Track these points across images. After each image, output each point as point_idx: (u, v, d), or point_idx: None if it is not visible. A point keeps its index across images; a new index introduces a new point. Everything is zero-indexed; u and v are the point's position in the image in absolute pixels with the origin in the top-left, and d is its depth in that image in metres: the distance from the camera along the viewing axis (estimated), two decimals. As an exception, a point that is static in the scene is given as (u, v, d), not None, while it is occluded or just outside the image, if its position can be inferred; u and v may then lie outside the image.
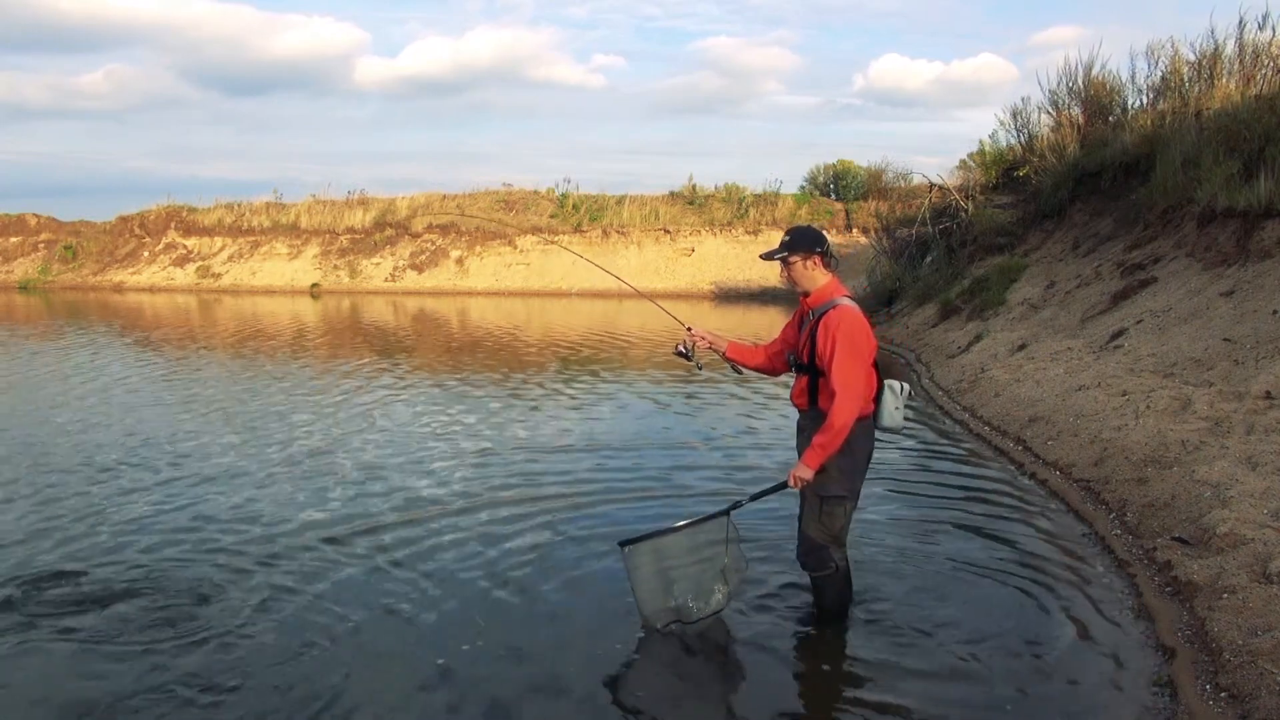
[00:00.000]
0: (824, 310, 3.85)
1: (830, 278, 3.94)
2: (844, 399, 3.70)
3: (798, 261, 3.92)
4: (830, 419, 3.71)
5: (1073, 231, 12.84)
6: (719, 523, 3.98)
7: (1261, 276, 7.71)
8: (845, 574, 4.10)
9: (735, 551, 4.01)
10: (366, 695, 3.52)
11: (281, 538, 5.25)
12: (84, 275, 32.24)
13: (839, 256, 4.27)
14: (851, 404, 3.71)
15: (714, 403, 9.60)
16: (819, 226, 30.17)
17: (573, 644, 3.98)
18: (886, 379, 3.99)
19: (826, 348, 3.77)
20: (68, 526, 5.45)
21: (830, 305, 3.85)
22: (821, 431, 3.74)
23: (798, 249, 3.91)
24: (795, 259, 3.92)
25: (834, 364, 3.74)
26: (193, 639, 3.97)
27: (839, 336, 3.74)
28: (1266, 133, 9.31)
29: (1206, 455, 5.33)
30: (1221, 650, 3.53)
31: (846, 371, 3.72)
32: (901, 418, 4.02)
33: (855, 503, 4.02)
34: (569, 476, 6.60)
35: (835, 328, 3.75)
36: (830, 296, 3.89)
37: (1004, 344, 10.07)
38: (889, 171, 27.36)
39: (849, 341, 3.74)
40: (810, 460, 3.76)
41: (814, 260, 3.91)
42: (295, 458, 7.21)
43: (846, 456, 3.85)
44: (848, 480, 3.91)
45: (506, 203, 30.60)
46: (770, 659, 3.86)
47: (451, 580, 4.63)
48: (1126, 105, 14.03)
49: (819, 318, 3.84)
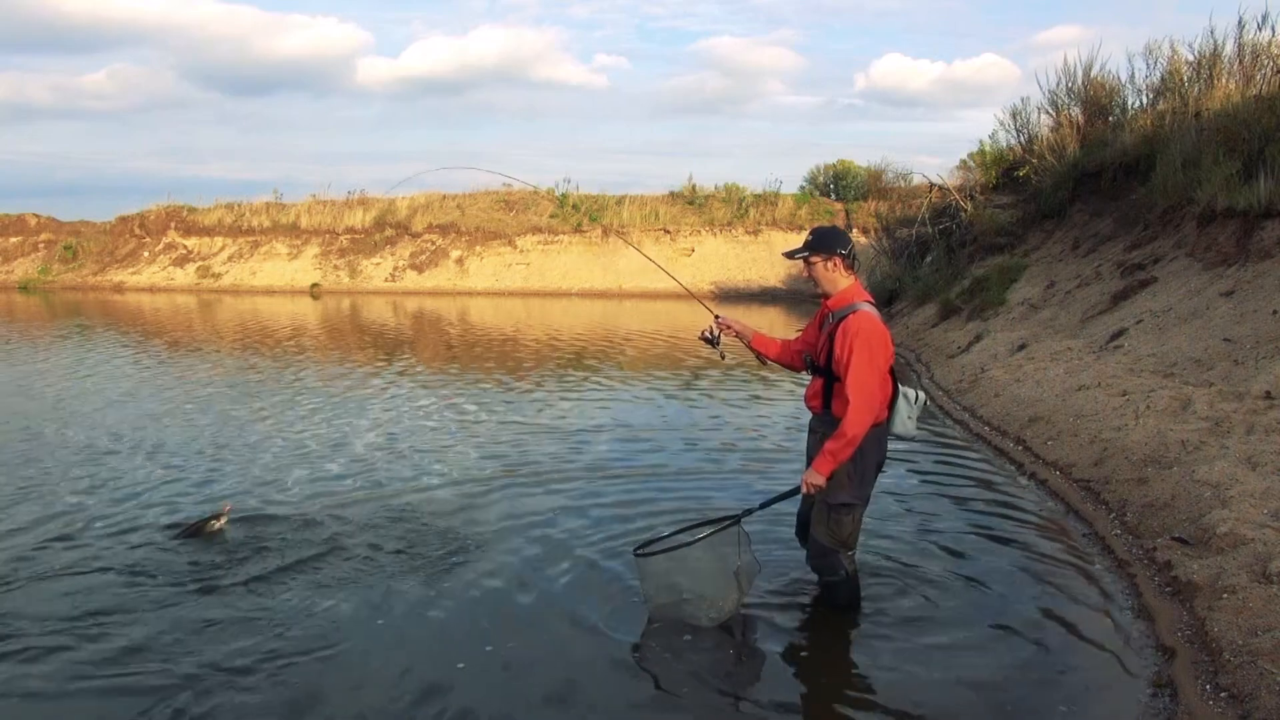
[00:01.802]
0: (844, 314, 3.81)
1: (852, 281, 3.91)
2: (857, 407, 3.68)
3: (819, 262, 3.89)
4: (843, 427, 3.69)
5: (1073, 231, 12.84)
6: (730, 531, 3.97)
7: (1261, 276, 7.72)
8: (854, 576, 4.11)
9: (747, 556, 4.01)
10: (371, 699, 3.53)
11: (272, 537, 5.26)
12: (84, 275, 32.23)
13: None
14: (865, 413, 3.69)
15: (737, 402, 9.60)
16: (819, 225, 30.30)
17: (579, 645, 3.97)
18: (902, 386, 3.99)
19: (844, 353, 3.74)
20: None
21: (850, 309, 3.81)
22: (834, 439, 3.72)
23: (820, 249, 3.88)
24: (817, 259, 3.89)
25: (850, 371, 3.71)
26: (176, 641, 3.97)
27: (857, 343, 3.70)
28: (1266, 133, 9.31)
29: (1206, 455, 5.33)
30: (1221, 650, 3.53)
31: (862, 379, 3.69)
32: (914, 426, 4.02)
33: (865, 509, 4.02)
34: (574, 477, 6.61)
35: (854, 334, 3.72)
36: (851, 300, 3.85)
37: (1004, 344, 10.07)
38: (889, 171, 27.38)
39: (866, 348, 3.70)
40: (822, 467, 3.75)
41: (835, 262, 3.87)
42: (292, 458, 7.22)
43: (857, 464, 3.85)
44: (857, 487, 3.91)
45: (506, 203, 30.59)
46: (778, 658, 3.87)
47: (454, 581, 4.63)
48: (1126, 105, 14.04)
49: (838, 321, 3.81)
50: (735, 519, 3.99)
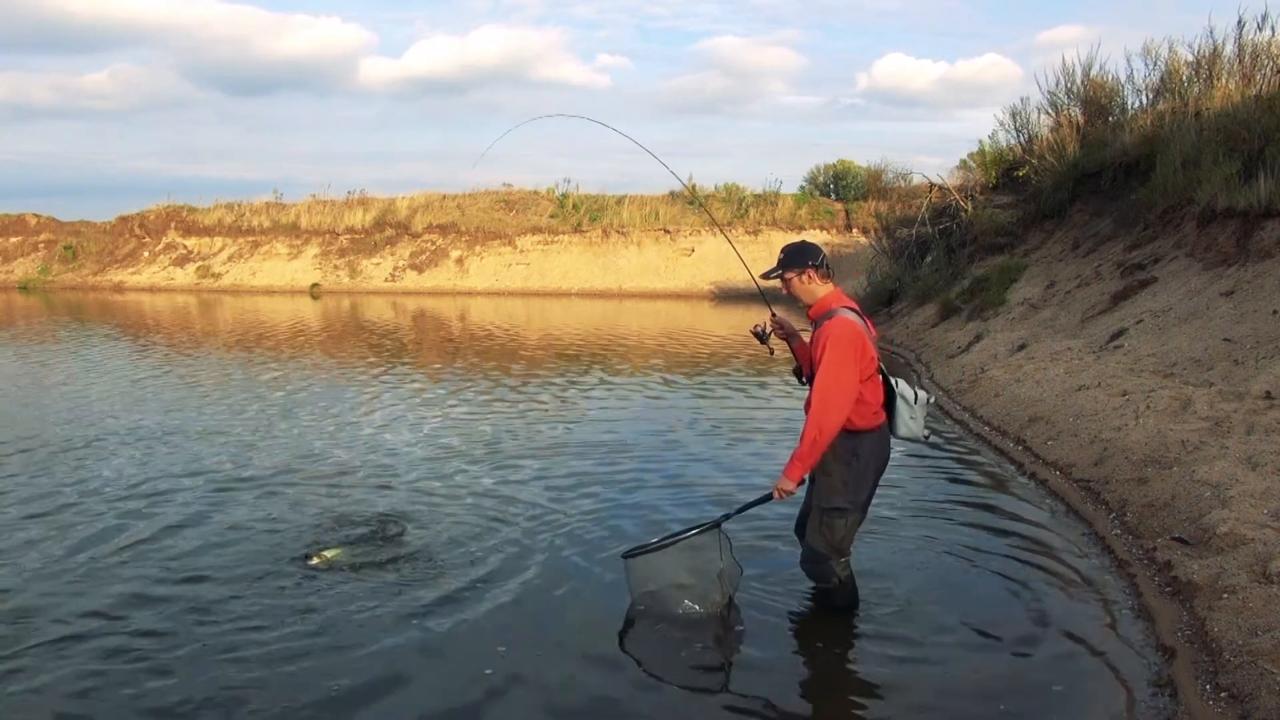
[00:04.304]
0: (821, 321, 3.87)
1: (830, 289, 3.96)
2: (820, 410, 3.69)
3: (793, 277, 3.97)
4: (806, 430, 3.71)
5: (1073, 231, 12.85)
6: (711, 535, 4.07)
7: (1261, 276, 7.72)
8: (848, 582, 4.11)
9: (729, 560, 4.09)
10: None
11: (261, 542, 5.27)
12: (84, 275, 32.26)
13: (840, 257, 4.28)
14: (828, 415, 3.69)
15: (744, 403, 9.60)
16: (820, 226, 29.87)
17: (568, 645, 3.98)
18: (900, 387, 4.00)
19: (817, 357, 3.78)
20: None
21: (827, 315, 3.86)
22: (800, 443, 3.74)
23: (792, 265, 3.96)
24: (791, 275, 3.97)
25: (818, 373, 3.74)
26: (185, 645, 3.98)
27: (828, 345, 3.73)
28: (1266, 133, 9.31)
29: (1206, 455, 5.33)
30: (1221, 650, 3.53)
31: (828, 381, 3.70)
32: (920, 427, 4.04)
33: (861, 515, 4.01)
34: (577, 479, 6.62)
35: (826, 337, 3.76)
36: (829, 307, 3.90)
37: (1004, 344, 10.07)
38: (889, 171, 27.43)
39: (835, 351, 3.72)
40: (791, 473, 3.78)
41: (809, 274, 3.93)
42: (291, 464, 7.22)
43: (852, 468, 3.86)
44: (851, 492, 3.90)
45: (506, 203, 30.61)
46: (774, 658, 3.86)
47: (454, 582, 4.64)
48: (1126, 105, 14.04)
49: (817, 328, 3.87)
50: (715, 523, 4.09)
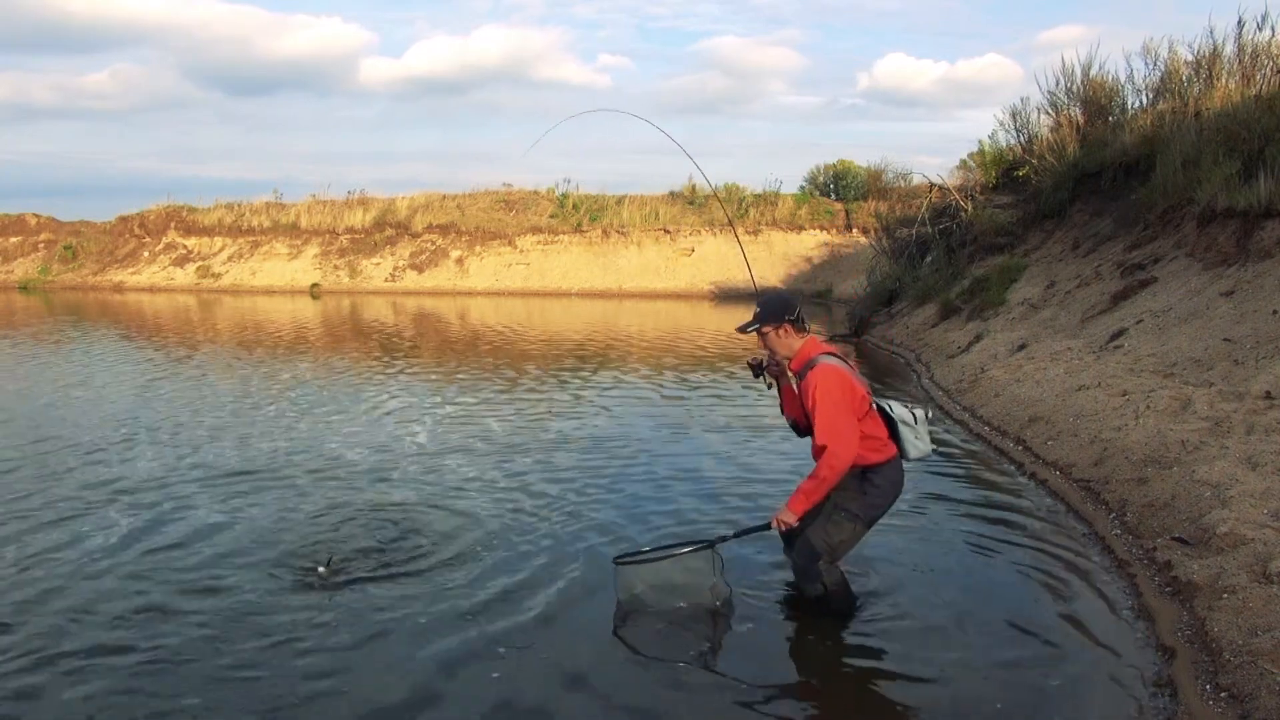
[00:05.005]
0: (804, 373, 3.96)
1: (805, 339, 4.05)
2: (833, 451, 3.80)
3: (770, 332, 4.05)
4: (819, 469, 3.83)
5: (1073, 231, 12.84)
6: (705, 555, 4.12)
7: (1261, 276, 7.72)
8: (842, 587, 4.13)
9: (719, 579, 4.15)
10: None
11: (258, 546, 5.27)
12: (84, 275, 32.26)
13: (840, 257, 4.30)
14: (839, 456, 3.80)
15: (747, 411, 9.60)
16: (819, 226, 29.70)
17: (569, 648, 3.98)
18: (898, 410, 4.10)
19: (810, 407, 3.89)
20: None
21: (809, 366, 3.96)
22: (811, 478, 3.85)
23: (768, 320, 4.03)
24: (768, 329, 4.04)
25: (817, 420, 3.86)
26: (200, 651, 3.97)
27: (818, 395, 3.85)
28: (1266, 133, 9.31)
29: (1206, 455, 5.33)
30: (1221, 650, 3.53)
31: (830, 424, 3.83)
32: (927, 444, 4.17)
33: (865, 530, 4.09)
34: (577, 481, 6.62)
35: (814, 387, 3.88)
36: (808, 357, 4.00)
37: (1004, 344, 10.07)
38: (889, 171, 27.42)
39: (827, 397, 3.85)
40: (795, 505, 3.88)
41: (784, 329, 4.02)
42: (292, 463, 7.22)
43: (876, 488, 3.98)
44: (869, 507, 4.02)
45: (506, 203, 30.61)
46: (771, 658, 3.87)
47: (450, 582, 4.64)
48: (1126, 105, 14.03)
49: (801, 380, 3.97)
50: (710, 544, 4.14)
